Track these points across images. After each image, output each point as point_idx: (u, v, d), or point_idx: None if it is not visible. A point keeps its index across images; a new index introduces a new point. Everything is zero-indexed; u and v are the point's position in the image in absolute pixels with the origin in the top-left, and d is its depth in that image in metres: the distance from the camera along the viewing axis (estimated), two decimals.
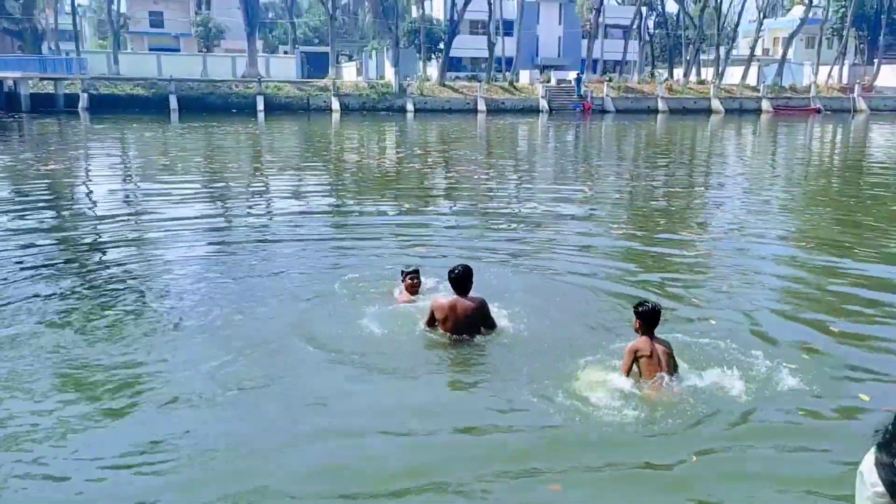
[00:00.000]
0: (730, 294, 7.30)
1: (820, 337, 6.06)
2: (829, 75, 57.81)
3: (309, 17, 70.95)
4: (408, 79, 48.17)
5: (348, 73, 57.21)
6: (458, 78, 51.67)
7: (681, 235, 10.40)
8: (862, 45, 66.20)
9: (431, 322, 5.87)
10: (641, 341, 4.95)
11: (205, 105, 42.78)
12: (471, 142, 29.01)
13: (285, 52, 60.58)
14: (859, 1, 58.44)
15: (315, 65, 54.93)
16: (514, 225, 11.08)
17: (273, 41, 68.18)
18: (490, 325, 5.89)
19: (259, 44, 54.99)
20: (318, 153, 23.56)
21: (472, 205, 13.15)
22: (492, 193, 14.64)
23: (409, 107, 45.11)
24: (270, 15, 72.14)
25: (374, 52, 57.06)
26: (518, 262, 8.53)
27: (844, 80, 57.97)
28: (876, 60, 60.30)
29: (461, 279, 5.82)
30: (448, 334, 5.80)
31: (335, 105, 44.51)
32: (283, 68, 52.14)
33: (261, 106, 43.29)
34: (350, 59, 62.92)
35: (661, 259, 8.96)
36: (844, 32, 58.96)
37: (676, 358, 5.04)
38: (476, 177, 17.20)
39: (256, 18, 52.59)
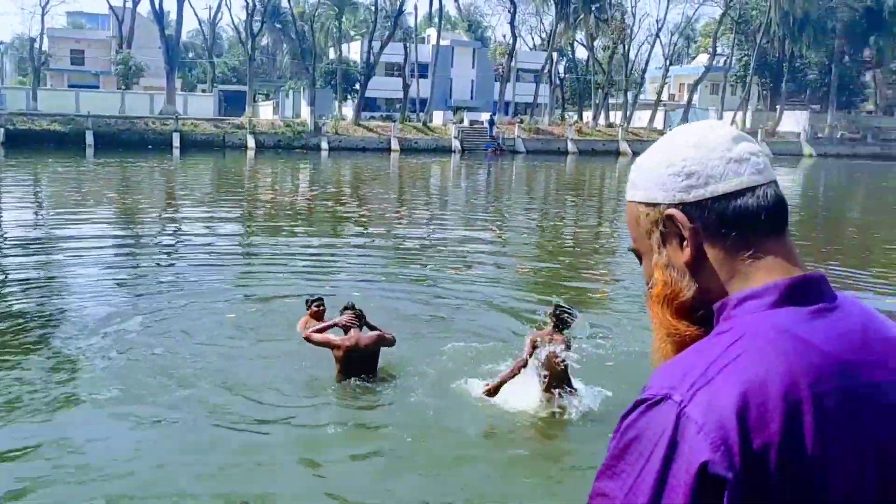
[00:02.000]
0: (631, 322, 7.69)
1: None
2: (734, 121, 61.20)
3: (228, 58, 70.98)
4: (323, 118, 48.69)
5: (265, 111, 57.38)
6: (373, 118, 52.52)
7: (587, 271, 10.84)
8: (765, 93, 70.69)
9: (327, 342, 5.85)
10: (544, 332, 5.33)
11: (121, 141, 42.10)
12: (384, 180, 29.55)
13: (203, 91, 60.40)
14: (761, 50, 62.72)
15: (233, 103, 54.99)
16: (422, 258, 11.41)
17: (192, 80, 67.85)
18: (388, 343, 5.96)
19: (178, 82, 54.77)
20: (232, 189, 23.64)
21: (382, 240, 13.49)
22: (402, 229, 15.01)
23: (324, 145, 45.46)
24: (191, 55, 71.87)
25: (290, 92, 57.51)
26: (424, 293, 8.84)
27: (748, 126, 61.40)
28: (778, 107, 64.29)
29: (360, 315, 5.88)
30: (344, 376, 5.79)
31: (251, 143, 44.49)
32: (200, 106, 51.99)
33: (177, 143, 42.87)
34: (267, 98, 63.08)
35: (567, 292, 9.22)
36: (748, 80, 62.79)
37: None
38: (387, 214, 17.57)
39: (176, 57, 52.46)
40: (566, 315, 5.34)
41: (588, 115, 61.39)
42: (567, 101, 66.38)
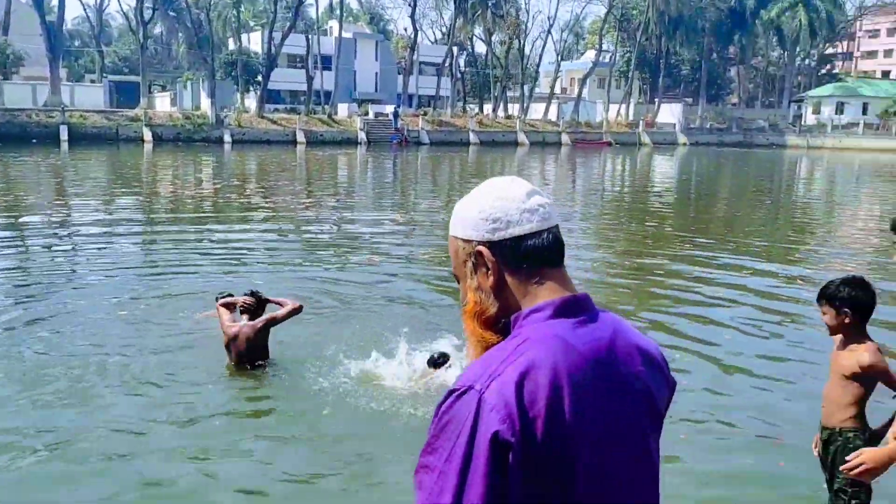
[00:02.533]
0: None
1: None
2: (618, 112, 65.05)
3: (118, 47, 68.07)
4: (225, 110, 47.89)
5: (162, 103, 55.64)
6: (277, 110, 52.07)
7: None
8: (645, 87, 75.39)
9: (221, 323, 5.94)
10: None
11: (0, 135, 39.89)
12: (290, 172, 29.57)
13: (93, 81, 57.82)
14: (641, 47, 66.76)
15: (125, 94, 52.93)
16: (330, 247, 11.50)
17: (79, 70, 64.64)
18: (280, 320, 5.95)
19: (63, 72, 52.18)
20: (128, 184, 22.85)
21: (290, 230, 13.52)
22: (311, 219, 15.01)
23: (227, 138, 44.74)
24: (77, 43, 68.42)
25: (189, 83, 56.01)
26: (330, 279, 8.88)
27: (631, 117, 65.38)
28: (656, 100, 68.91)
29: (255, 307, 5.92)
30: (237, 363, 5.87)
31: (147, 135, 43.21)
32: (89, 97, 49.80)
33: (64, 136, 40.98)
34: (164, 89, 61.13)
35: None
36: (630, 75, 66.97)
37: None
38: (295, 205, 17.46)
39: (60, 45, 49.90)
40: (438, 366, 5.56)
41: (488, 107, 63.37)
42: (468, 93, 68.18)
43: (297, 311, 6.01)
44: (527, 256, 1.24)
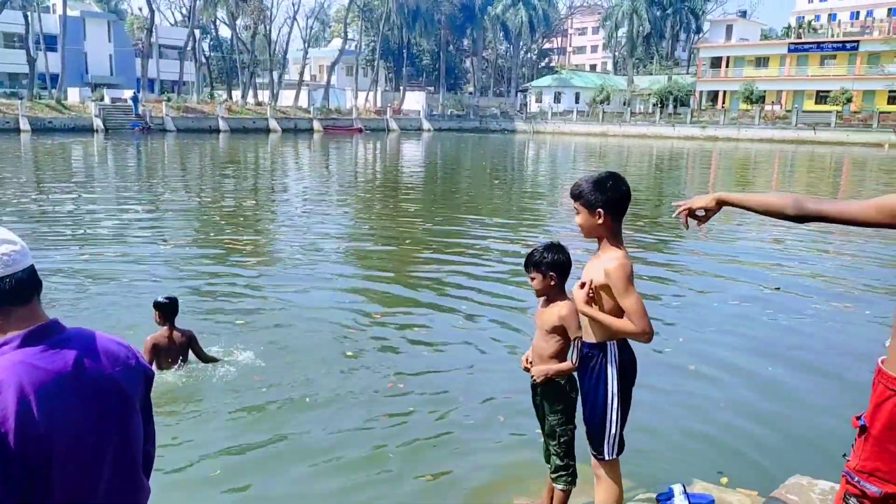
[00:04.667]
0: (281, 264, 9.27)
1: (368, 330, 6.81)
2: (367, 100, 67.61)
3: None
4: None
5: None
6: None
7: (240, 231, 12.02)
8: (391, 75, 78.98)
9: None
10: (160, 334, 5.27)
11: None
12: (14, 163, 26.80)
13: None
14: (385, 37, 69.77)
15: None
16: (70, 243, 11.00)
17: None
18: None
19: None
20: None
21: (16, 225, 12.45)
22: (44, 215, 13.98)
23: None
24: None
25: None
26: (75, 272, 8.62)
27: (379, 104, 68.38)
28: (401, 88, 72.74)
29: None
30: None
31: None
32: None
33: None
34: None
35: (223, 245, 10.44)
36: (375, 63, 69.82)
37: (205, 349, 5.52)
38: (21, 198, 16.16)
39: None
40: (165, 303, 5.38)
41: (237, 93, 61.99)
42: (215, 79, 65.92)
43: None
44: None
